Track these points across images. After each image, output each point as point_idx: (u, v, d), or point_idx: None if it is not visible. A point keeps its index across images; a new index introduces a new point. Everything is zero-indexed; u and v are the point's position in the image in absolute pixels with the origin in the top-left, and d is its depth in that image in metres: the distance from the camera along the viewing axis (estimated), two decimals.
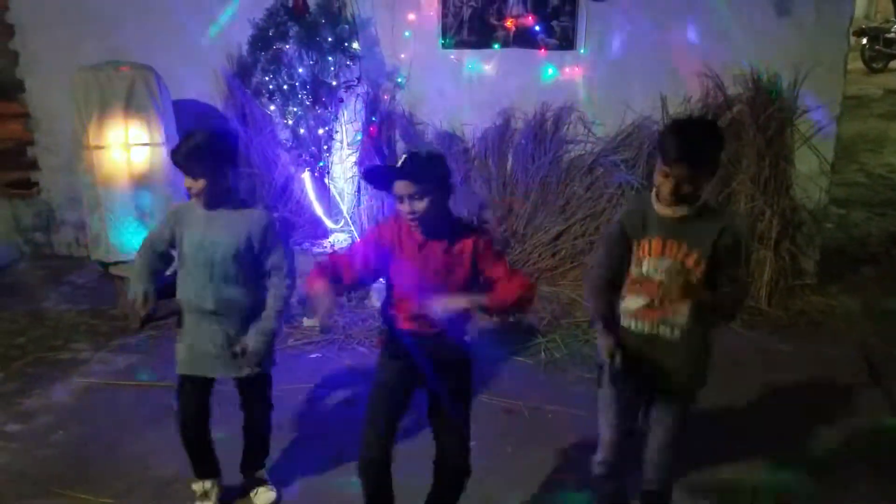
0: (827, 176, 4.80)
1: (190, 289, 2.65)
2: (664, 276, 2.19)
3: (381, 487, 2.44)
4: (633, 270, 2.25)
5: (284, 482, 2.99)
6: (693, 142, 2.12)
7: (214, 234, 2.61)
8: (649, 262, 2.21)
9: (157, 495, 2.87)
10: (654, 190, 2.23)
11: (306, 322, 4.34)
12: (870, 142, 8.84)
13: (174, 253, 2.71)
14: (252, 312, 2.69)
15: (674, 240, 2.18)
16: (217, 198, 2.61)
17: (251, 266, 2.65)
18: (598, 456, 2.46)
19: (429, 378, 2.39)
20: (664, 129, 2.26)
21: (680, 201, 2.16)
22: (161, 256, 2.73)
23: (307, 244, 4.90)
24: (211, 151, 2.56)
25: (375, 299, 4.60)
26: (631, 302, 2.27)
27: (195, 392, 2.72)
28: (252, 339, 2.64)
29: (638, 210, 2.26)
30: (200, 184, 2.56)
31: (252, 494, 2.92)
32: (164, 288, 2.75)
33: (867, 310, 4.60)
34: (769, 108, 4.62)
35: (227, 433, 2.88)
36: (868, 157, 8.22)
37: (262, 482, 2.95)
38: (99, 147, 4.32)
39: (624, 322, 2.29)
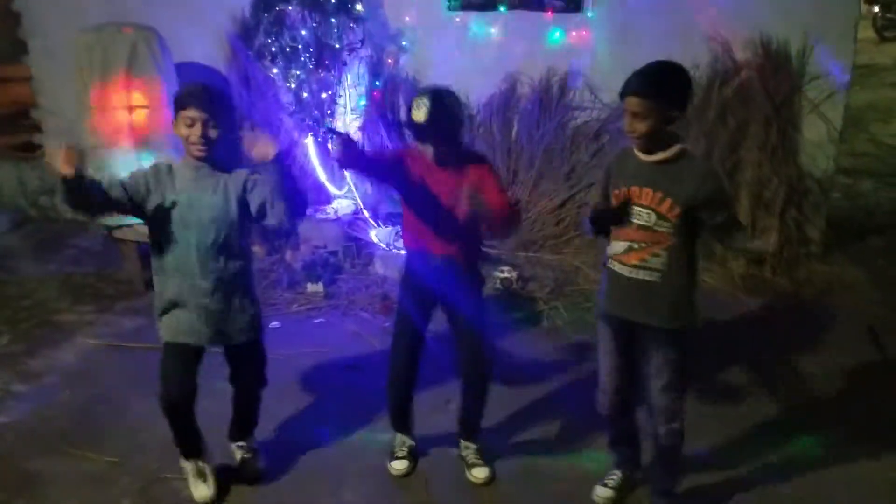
0: (835, 144, 4.74)
1: (175, 257, 2.47)
2: (641, 222, 2.27)
3: (406, 400, 2.84)
4: None
5: (287, 448, 2.98)
6: (643, 76, 2.20)
7: (203, 192, 2.44)
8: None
9: (162, 455, 2.89)
10: None
11: (310, 287, 4.35)
12: (880, 111, 8.73)
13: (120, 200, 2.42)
14: (241, 281, 2.56)
15: (648, 187, 2.26)
16: (223, 157, 2.47)
17: (242, 230, 2.52)
18: (601, 398, 2.56)
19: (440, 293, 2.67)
20: None
21: (642, 141, 2.23)
22: (108, 196, 2.39)
23: (310, 210, 4.89)
24: (228, 98, 2.47)
25: (379, 266, 4.60)
26: (615, 246, 2.38)
27: (181, 358, 2.55)
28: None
29: (623, 157, 2.37)
30: (215, 133, 2.40)
31: (240, 464, 2.83)
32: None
33: (873, 280, 4.58)
34: (778, 74, 4.56)
35: (210, 405, 2.82)
36: (878, 127, 8.12)
37: (250, 450, 2.84)
38: (101, 109, 4.30)
39: (609, 264, 2.41)
